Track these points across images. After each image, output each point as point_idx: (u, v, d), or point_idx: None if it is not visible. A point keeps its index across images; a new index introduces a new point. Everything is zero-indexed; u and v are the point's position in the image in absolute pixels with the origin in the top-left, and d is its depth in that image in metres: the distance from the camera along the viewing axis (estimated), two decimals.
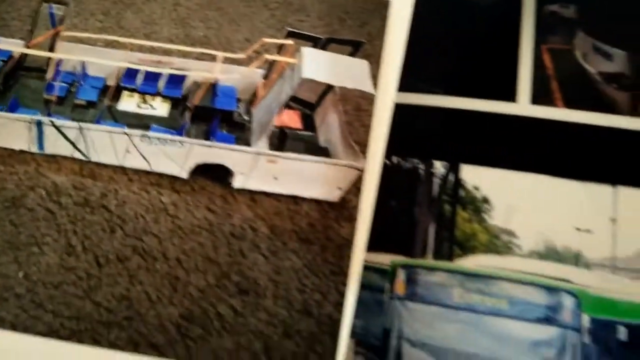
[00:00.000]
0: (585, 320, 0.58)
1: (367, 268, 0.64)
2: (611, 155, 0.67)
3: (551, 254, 0.65)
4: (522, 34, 0.72)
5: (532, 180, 0.67)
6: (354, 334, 0.62)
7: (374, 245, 0.65)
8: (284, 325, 0.61)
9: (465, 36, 0.74)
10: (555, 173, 0.66)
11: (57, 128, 0.67)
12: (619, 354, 0.59)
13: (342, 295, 0.62)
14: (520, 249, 0.65)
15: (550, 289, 0.59)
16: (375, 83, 0.69)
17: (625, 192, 0.65)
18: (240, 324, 0.61)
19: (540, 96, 0.69)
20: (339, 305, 0.62)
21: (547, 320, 0.59)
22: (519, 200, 0.66)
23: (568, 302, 0.59)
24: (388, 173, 0.68)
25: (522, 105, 0.69)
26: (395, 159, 0.69)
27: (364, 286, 0.63)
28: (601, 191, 0.66)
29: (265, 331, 0.61)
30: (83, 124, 0.67)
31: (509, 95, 0.69)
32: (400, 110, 0.69)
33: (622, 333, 0.60)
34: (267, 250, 0.64)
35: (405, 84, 0.70)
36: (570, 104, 0.69)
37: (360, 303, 0.63)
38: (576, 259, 0.64)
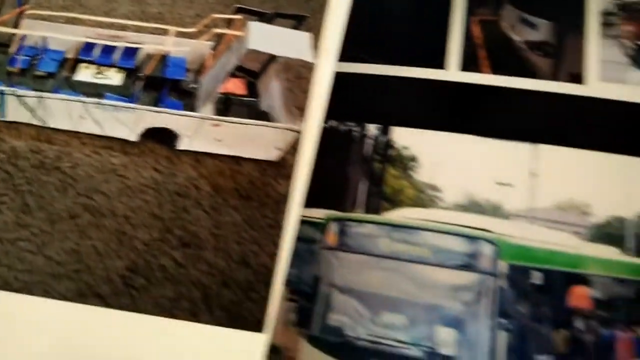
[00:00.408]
0: (503, 266, 0.59)
1: (302, 222, 0.66)
2: (532, 115, 0.69)
3: (473, 207, 0.66)
4: (453, 6, 0.73)
5: (457, 140, 0.68)
6: (287, 282, 0.64)
7: (309, 201, 0.66)
8: (222, 275, 0.63)
9: (401, 9, 0.75)
10: (479, 133, 0.67)
11: (18, 97, 0.69)
12: (533, 297, 0.60)
13: (277, 246, 0.64)
14: (444, 202, 0.66)
15: (471, 238, 0.60)
16: (315, 53, 0.72)
17: (545, 149, 0.66)
18: (181, 274, 0.63)
19: (468, 64, 0.70)
20: (274, 256, 0.64)
21: (467, 266, 0.60)
22: (444, 158, 0.67)
23: (487, 250, 0.60)
24: (325, 135, 0.69)
25: (452, 72, 0.70)
26: (332, 123, 0.70)
27: (299, 238, 0.65)
28: (522, 148, 0.66)
29: (205, 281, 0.63)
30: (42, 94, 0.69)
31: (440, 63, 0.70)
32: (339, 78, 0.71)
33: (537, 278, 0.61)
34: (208, 207, 0.66)
35: (345, 54, 0.72)
36: (497, 70, 0.70)
37: (294, 254, 0.64)
38: (496, 211, 0.65)
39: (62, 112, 0.69)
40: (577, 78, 0.70)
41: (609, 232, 0.65)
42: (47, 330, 0.61)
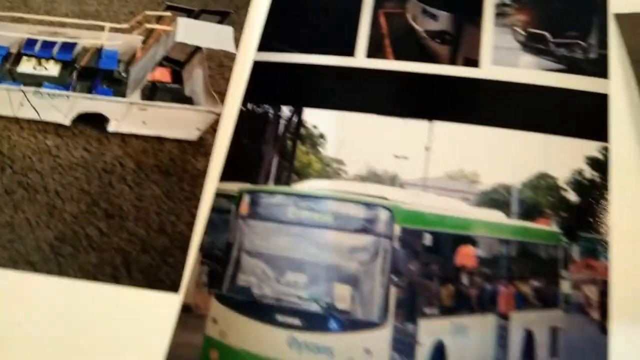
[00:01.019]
0: (397, 229, 0.61)
1: (218, 195, 0.68)
2: (430, 96, 0.71)
3: (372, 177, 0.68)
4: (363, 1, 0.77)
5: (361, 119, 0.71)
6: (201, 248, 0.66)
7: (225, 175, 0.69)
8: (142, 243, 0.65)
9: (315, 4, 0.79)
10: (381, 112, 0.70)
11: None
12: (423, 256, 0.62)
13: (193, 217, 0.66)
14: (347, 174, 0.68)
15: (368, 205, 0.62)
16: (237, 45, 0.75)
17: (439, 125, 0.69)
18: (105, 242, 0.65)
19: (374, 51, 0.74)
20: (190, 225, 0.66)
21: (364, 230, 0.61)
22: (349, 135, 0.70)
23: (383, 215, 0.61)
24: (243, 117, 0.72)
25: (359, 59, 0.74)
26: (250, 106, 0.73)
27: (214, 209, 0.67)
28: (419, 125, 0.69)
29: (126, 248, 0.65)
30: None
31: (349, 51, 0.74)
32: (258, 66, 0.74)
33: (427, 239, 0.63)
34: (132, 182, 0.68)
35: (264, 45, 0.75)
36: (399, 56, 0.73)
37: (210, 223, 0.66)
38: (393, 180, 0.67)
39: (3, 100, 0.72)
40: (472, 62, 0.73)
41: (495, 198, 0.67)
42: None
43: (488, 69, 0.71)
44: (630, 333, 0.57)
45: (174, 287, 0.62)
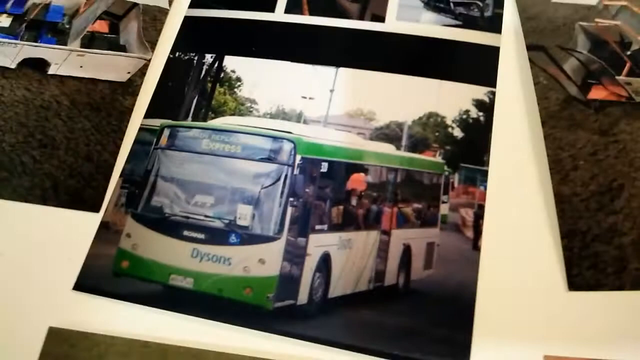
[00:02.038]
0: (298, 159, 0.62)
1: (142, 129, 0.69)
2: (338, 46, 0.73)
3: (280, 115, 0.69)
4: None
5: (275, 65, 0.72)
6: (122, 174, 0.67)
7: (149, 113, 0.70)
8: (70, 169, 0.66)
9: None
10: (294, 60, 0.71)
11: None
12: (318, 180, 0.63)
13: (118, 147, 0.67)
14: (258, 112, 0.70)
15: (274, 138, 0.63)
16: (170, 2, 0.78)
17: (344, 71, 0.70)
18: (37, 169, 0.66)
19: (292, 8, 0.76)
20: (115, 154, 0.67)
21: (269, 159, 0.63)
22: (263, 79, 0.71)
23: (286, 146, 0.63)
24: (170, 63, 0.74)
25: (278, 14, 0.76)
26: (177, 54, 0.75)
27: (137, 141, 0.68)
28: (327, 71, 0.71)
29: (55, 173, 0.66)
30: None
31: (270, 7, 0.75)
32: (188, 20, 0.76)
33: (324, 166, 0.64)
34: (65, 117, 0.69)
35: (195, 2, 0.78)
36: (314, 12, 0.75)
37: (132, 153, 0.68)
38: (299, 118, 0.69)
39: None
40: (379, 18, 0.75)
41: (387, 134, 0.68)
42: None
43: (392, 24, 0.73)
44: (498, 250, 0.58)
45: (95, 207, 0.64)
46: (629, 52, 0.68)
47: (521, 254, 0.58)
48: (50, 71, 0.73)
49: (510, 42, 0.70)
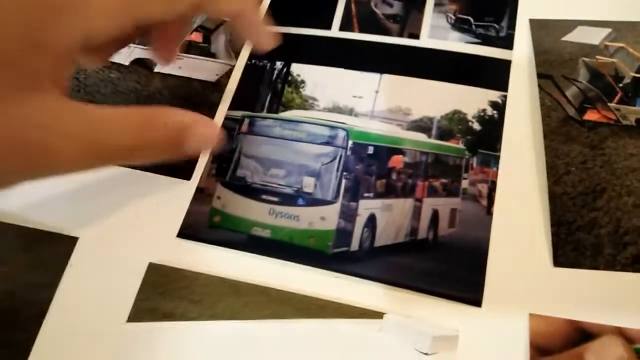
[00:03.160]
0: (350, 143, 0.74)
1: (227, 118, 0.81)
2: (382, 57, 0.84)
3: (336, 110, 0.80)
4: None
5: (332, 71, 0.83)
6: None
7: (233, 106, 0.82)
8: None
9: None
10: (347, 67, 0.83)
11: None
12: (366, 161, 0.74)
13: None
14: (319, 107, 0.81)
15: (332, 127, 0.75)
16: None
17: (387, 77, 0.81)
18: None
19: (345, 26, 0.87)
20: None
21: (327, 143, 0.74)
22: (322, 81, 0.82)
23: (341, 134, 0.74)
24: (248, 68, 0.86)
25: (334, 31, 0.87)
26: (254, 61, 0.87)
27: (224, 127, 0.81)
28: (373, 76, 0.82)
29: None
30: None
31: (327, 25, 0.87)
32: None
33: (370, 149, 0.75)
34: (167, 105, 0.81)
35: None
36: (363, 30, 0.87)
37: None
38: (350, 112, 0.80)
39: None
40: (415, 36, 0.86)
41: (421, 125, 0.79)
42: None
43: (425, 41, 0.84)
44: (506, 216, 0.69)
45: (187, 176, 0.76)
46: (621, 84, 0.78)
47: (521, 226, 0.68)
48: (156, 69, 0.85)
49: (519, 57, 0.82)
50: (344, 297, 0.65)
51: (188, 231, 0.71)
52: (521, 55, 0.82)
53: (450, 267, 0.66)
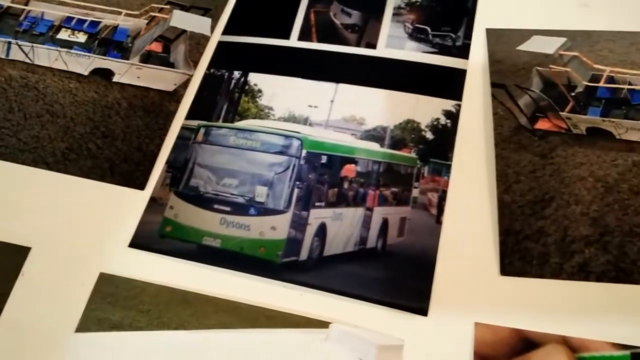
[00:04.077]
0: (304, 152, 0.73)
1: (183, 128, 0.80)
2: (338, 67, 0.84)
3: (291, 119, 0.80)
4: (300, 3, 0.90)
5: (289, 81, 0.83)
6: (167, 161, 0.77)
7: (189, 115, 0.81)
8: (124, 155, 0.77)
9: (266, 5, 0.92)
10: (303, 76, 0.82)
11: (19, 46, 0.86)
12: (319, 170, 0.73)
13: (162, 140, 0.78)
14: (275, 116, 0.80)
15: (287, 136, 0.74)
16: (212, 30, 0.89)
17: (342, 87, 0.81)
18: (99, 153, 0.77)
19: (304, 36, 0.87)
20: (159, 146, 0.77)
21: (282, 152, 0.73)
22: (278, 91, 0.81)
23: (295, 143, 0.74)
24: (206, 78, 0.85)
25: (292, 41, 0.87)
26: (212, 70, 0.86)
27: (179, 137, 0.79)
28: (329, 86, 0.81)
29: (113, 158, 0.77)
30: (34, 44, 0.86)
31: (286, 35, 0.87)
32: (221, 44, 0.88)
33: (324, 159, 0.75)
34: (124, 115, 0.80)
35: (228, 30, 0.89)
36: (321, 40, 0.87)
37: (175, 146, 0.78)
38: (305, 121, 0.80)
39: (44, 56, 0.86)
40: (372, 46, 0.86)
41: (374, 135, 0.78)
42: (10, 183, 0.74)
43: (382, 50, 0.84)
44: (455, 225, 0.68)
45: (141, 186, 0.74)
46: (573, 93, 0.77)
47: (469, 234, 0.67)
48: (115, 79, 0.84)
49: (474, 66, 0.81)
50: (293, 307, 0.64)
51: (140, 241, 0.70)
52: (476, 65, 0.82)
53: (398, 276, 0.65)
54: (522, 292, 0.64)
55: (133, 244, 0.70)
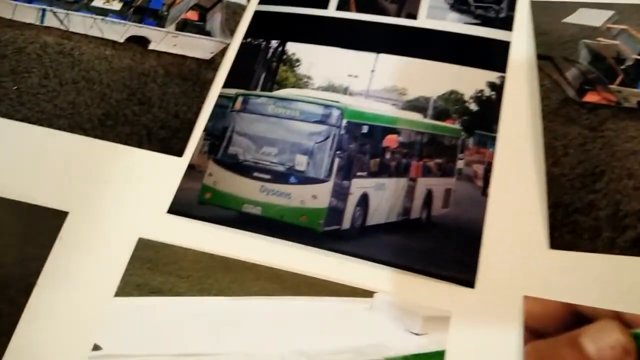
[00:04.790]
0: (344, 122, 0.71)
1: (221, 96, 0.78)
2: (378, 37, 0.81)
3: (330, 88, 0.78)
4: None
5: (327, 50, 0.80)
6: (205, 128, 0.76)
7: (227, 84, 0.79)
8: (162, 122, 0.75)
9: None
10: (343, 46, 0.80)
11: (54, 13, 0.85)
12: (360, 139, 0.71)
13: (199, 109, 0.76)
14: (313, 85, 0.78)
15: (326, 106, 0.72)
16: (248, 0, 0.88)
17: (382, 56, 0.78)
18: (136, 120, 0.75)
19: (342, 5, 0.84)
20: (196, 114, 0.76)
21: (321, 122, 0.71)
22: (317, 60, 0.79)
23: (335, 112, 0.71)
24: (243, 46, 0.83)
25: (331, 10, 0.84)
26: (249, 39, 0.83)
27: (217, 105, 0.77)
28: (369, 56, 0.79)
29: (150, 125, 0.75)
30: (69, 11, 0.85)
31: (324, 4, 0.84)
32: (258, 14, 0.86)
33: (364, 128, 0.72)
34: (160, 83, 0.78)
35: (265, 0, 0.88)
36: (360, 10, 0.83)
37: (213, 114, 0.76)
38: (345, 91, 0.77)
39: (80, 23, 0.84)
40: (413, 16, 0.83)
41: (416, 105, 0.76)
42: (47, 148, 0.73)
43: (423, 21, 0.82)
44: (501, 197, 0.66)
45: (179, 153, 0.73)
46: (622, 67, 0.75)
47: (516, 207, 0.65)
48: (150, 47, 0.82)
49: (519, 38, 0.79)
50: (334, 275, 0.62)
51: (178, 207, 0.68)
52: (520, 37, 0.79)
53: (443, 247, 0.63)
54: (572, 266, 0.61)
55: (172, 211, 0.68)
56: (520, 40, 0.78)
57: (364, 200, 0.69)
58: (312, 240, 0.64)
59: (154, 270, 0.65)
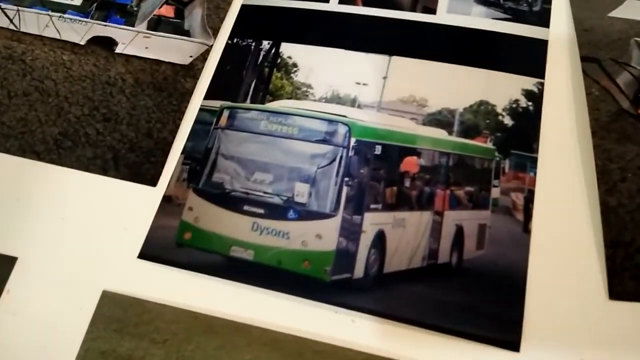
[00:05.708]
0: (353, 141, 0.59)
1: (202, 109, 0.67)
2: (390, 35, 0.69)
3: (335, 99, 0.66)
4: None
5: (330, 52, 0.68)
6: (184, 151, 0.64)
7: (209, 94, 0.67)
8: (131, 143, 0.64)
9: None
10: (348, 47, 0.68)
11: (1, 9, 0.72)
12: (373, 163, 0.59)
13: (177, 126, 0.64)
14: (314, 96, 0.66)
15: (330, 121, 0.60)
16: None
17: (397, 60, 0.66)
18: (99, 140, 0.64)
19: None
20: (174, 133, 0.64)
21: (325, 141, 0.60)
22: (318, 65, 0.67)
23: (341, 129, 0.60)
24: (228, 49, 0.71)
25: (332, 5, 0.72)
26: (235, 40, 0.71)
27: (198, 121, 0.66)
28: (380, 58, 0.67)
29: (117, 146, 0.63)
30: (20, 8, 0.72)
31: None
32: (245, 8, 0.73)
33: (378, 149, 0.61)
34: (129, 94, 0.67)
35: None
36: (368, 4, 0.72)
37: (193, 132, 0.65)
38: (353, 102, 0.65)
39: (32, 21, 0.72)
40: (431, 10, 0.72)
41: (439, 119, 0.64)
42: None
43: (443, 16, 0.70)
44: (547, 234, 0.55)
45: (152, 181, 0.61)
46: None
47: (566, 246, 0.54)
48: (117, 50, 0.70)
49: (558, 36, 0.67)
50: (346, 338, 0.52)
51: (152, 251, 0.57)
52: (559, 34, 0.68)
53: (479, 300, 0.52)
54: (637, 321, 0.52)
55: (143, 255, 0.57)
56: (560, 39, 0.67)
57: (379, 240, 0.58)
58: (317, 293, 0.53)
59: (122, 333, 0.54)
